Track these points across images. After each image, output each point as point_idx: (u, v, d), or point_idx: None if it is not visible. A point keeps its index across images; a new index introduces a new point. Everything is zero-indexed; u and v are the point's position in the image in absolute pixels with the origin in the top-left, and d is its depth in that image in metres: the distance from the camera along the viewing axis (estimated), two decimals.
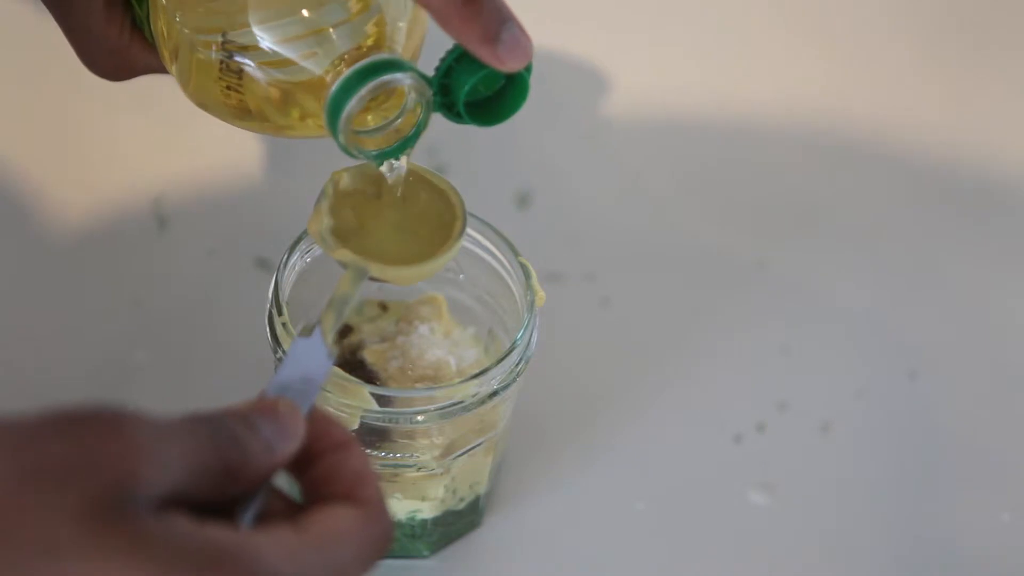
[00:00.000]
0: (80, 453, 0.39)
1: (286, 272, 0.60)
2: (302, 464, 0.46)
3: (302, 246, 0.61)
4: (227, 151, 0.79)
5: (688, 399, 0.72)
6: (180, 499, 0.41)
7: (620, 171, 0.82)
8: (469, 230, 0.61)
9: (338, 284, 0.53)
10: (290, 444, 0.45)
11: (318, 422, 0.46)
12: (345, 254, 0.54)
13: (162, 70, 0.58)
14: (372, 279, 0.55)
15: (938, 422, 0.73)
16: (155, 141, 0.78)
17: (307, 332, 0.49)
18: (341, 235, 0.55)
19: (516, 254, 0.61)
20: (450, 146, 0.80)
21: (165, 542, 0.39)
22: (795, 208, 0.81)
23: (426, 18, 0.54)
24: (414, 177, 0.57)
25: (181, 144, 0.79)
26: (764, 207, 0.81)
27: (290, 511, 0.45)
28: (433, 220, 0.57)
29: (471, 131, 0.55)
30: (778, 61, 0.88)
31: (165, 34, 0.55)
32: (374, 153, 0.54)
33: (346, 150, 0.52)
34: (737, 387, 0.73)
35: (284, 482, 0.46)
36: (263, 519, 0.44)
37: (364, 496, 0.45)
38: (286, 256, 0.60)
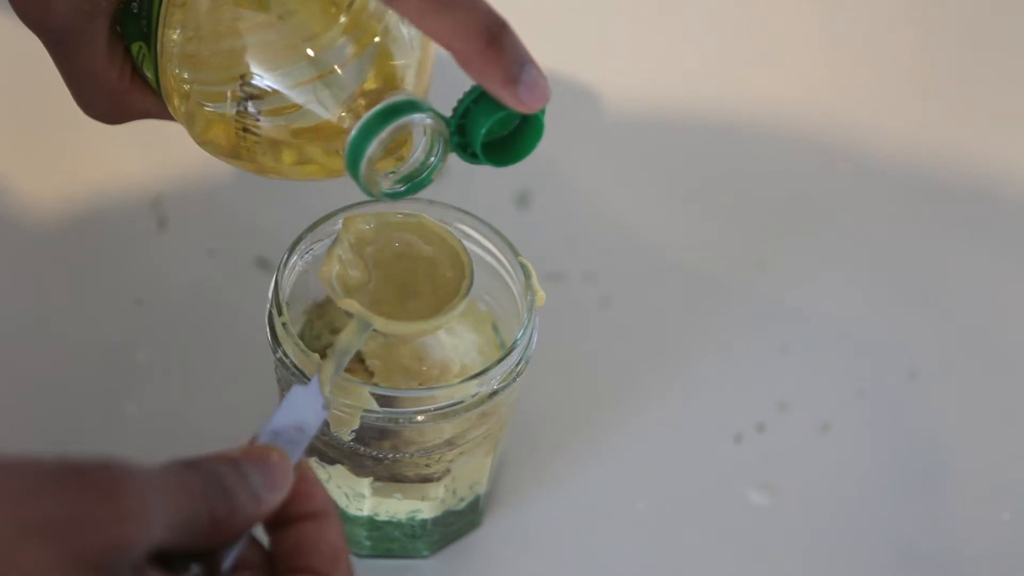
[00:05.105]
0: (77, 511, 0.40)
1: (286, 272, 0.60)
2: (278, 522, 0.47)
3: (302, 246, 0.61)
4: None
5: (688, 399, 0.72)
6: (162, 549, 0.42)
7: (620, 172, 0.82)
8: (469, 230, 0.61)
9: (340, 336, 0.55)
10: (277, 496, 0.46)
11: (303, 481, 0.47)
12: (352, 305, 0.56)
13: (160, 115, 0.58)
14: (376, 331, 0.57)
15: (938, 422, 0.73)
16: (155, 141, 0.78)
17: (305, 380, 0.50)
18: (350, 283, 0.57)
19: (516, 254, 0.61)
20: None
21: None
22: (795, 208, 0.81)
23: (434, 57, 0.55)
24: (427, 230, 0.59)
25: (181, 144, 0.79)
26: (764, 207, 0.81)
27: (264, 564, 0.46)
28: (440, 275, 0.58)
29: None
30: (778, 63, 0.88)
31: (175, 78, 0.55)
32: (393, 192, 0.54)
33: (367, 191, 0.53)
34: (737, 387, 0.73)
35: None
36: (236, 569, 0.45)
37: None
38: (286, 256, 0.60)
